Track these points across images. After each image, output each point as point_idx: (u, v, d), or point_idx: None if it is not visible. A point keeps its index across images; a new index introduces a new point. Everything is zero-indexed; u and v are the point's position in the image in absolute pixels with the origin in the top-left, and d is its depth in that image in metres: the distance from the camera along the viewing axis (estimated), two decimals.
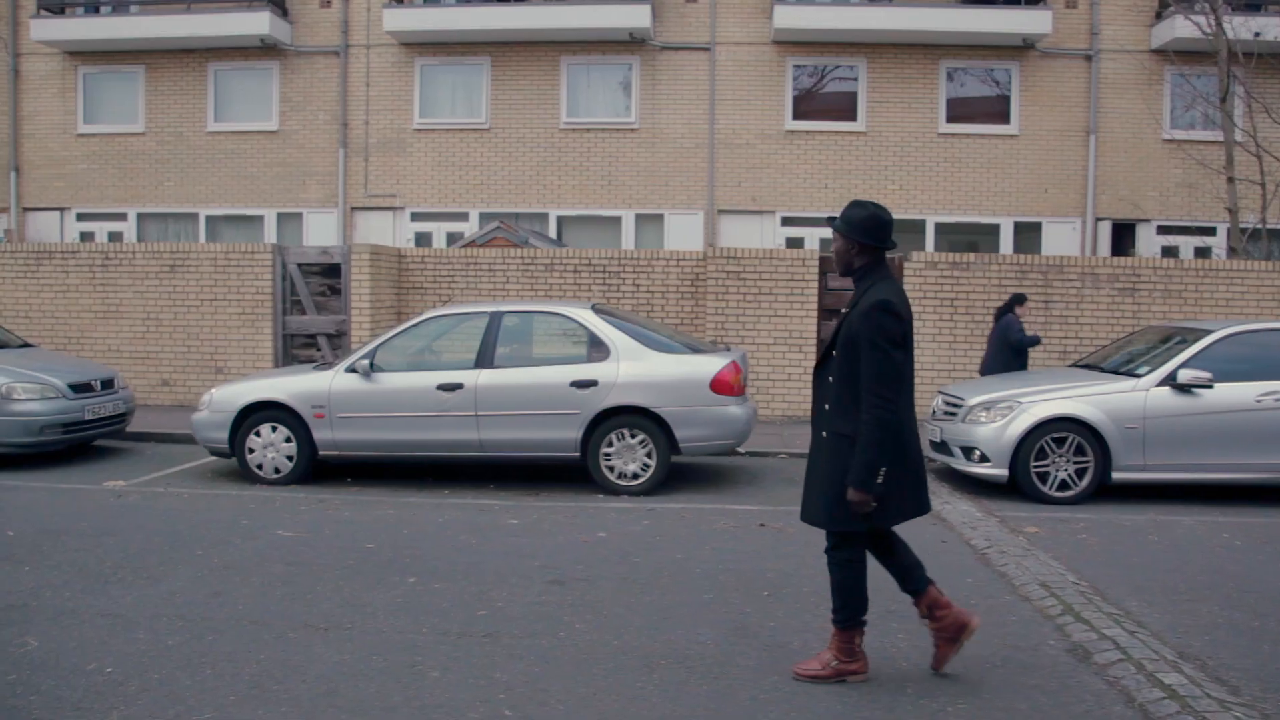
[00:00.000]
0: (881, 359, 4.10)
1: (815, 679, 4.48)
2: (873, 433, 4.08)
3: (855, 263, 4.33)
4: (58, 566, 6.22)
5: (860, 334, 4.12)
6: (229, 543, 6.90)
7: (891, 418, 4.11)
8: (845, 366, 4.21)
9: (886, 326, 4.12)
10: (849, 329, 4.20)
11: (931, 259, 12.68)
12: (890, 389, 4.11)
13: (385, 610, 5.50)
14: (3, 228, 18.63)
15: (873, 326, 4.10)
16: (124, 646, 4.87)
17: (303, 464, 8.92)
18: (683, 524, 7.78)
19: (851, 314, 4.23)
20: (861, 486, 4.12)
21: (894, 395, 4.13)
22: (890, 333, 4.12)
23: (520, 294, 13.19)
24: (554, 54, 17.72)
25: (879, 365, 4.10)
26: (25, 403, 9.50)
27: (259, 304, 12.82)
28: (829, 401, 4.29)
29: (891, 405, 4.11)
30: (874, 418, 4.09)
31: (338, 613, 5.44)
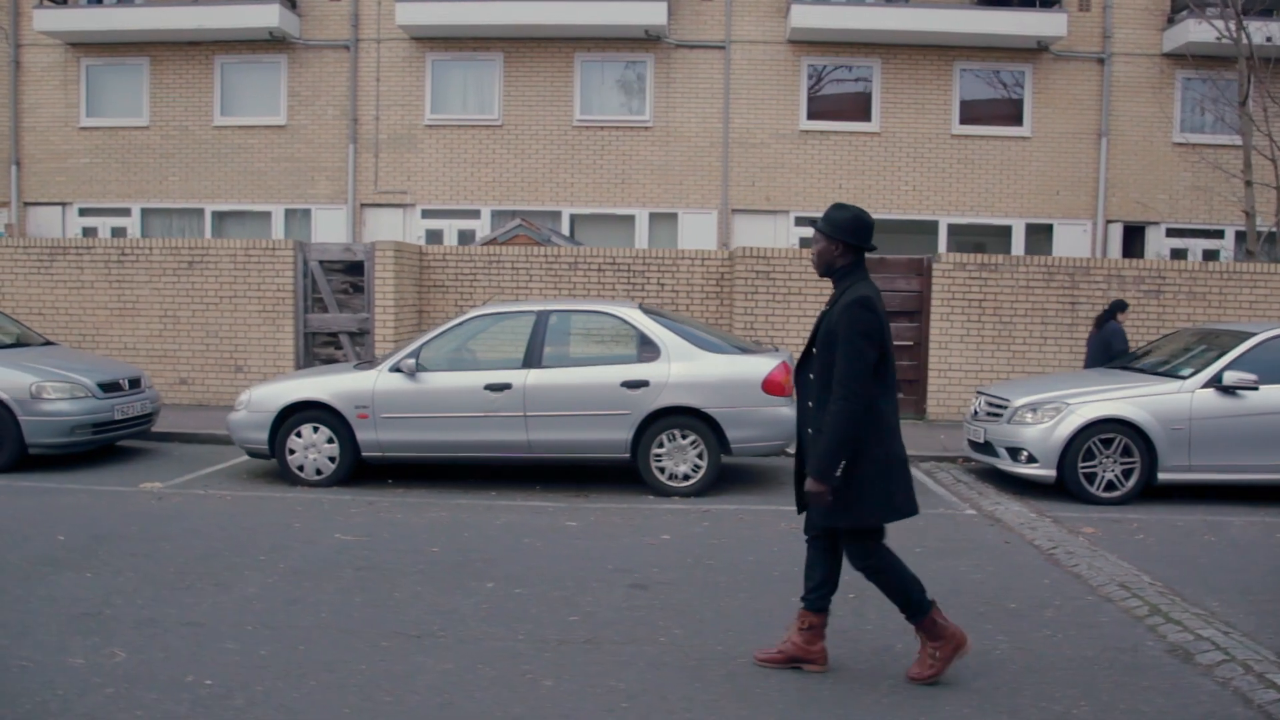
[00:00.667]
0: (854, 354, 4.17)
1: (934, 677, 4.51)
2: (839, 425, 4.16)
3: (837, 263, 4.40)
4: (121, 572, 6.05)
5: (838, 329, 4.20)
6: (288, 547, 6.75)
7: (859, 412, 4.17)
8: (825, 364, 4.29)
9: (862, 322, 4.19)
10: (829, 326, 4.28)
11: (960, 260, 12.65)
12: (861, 384, 4.17)
13: (474, 617, 5.38)
14: (3, 223, 18.25)
15: (849, 322, 4.18)
16: (216, 657, 4.72)
17: (345, 465, 8.75)
18: (742, 526, 7.71)
19: (831, 311, 4.30)
20: (820, 477, 4.19)
21: (864, 390, 4.18)
22: (865, 328, 4.19)
23: (544, 293, 13.06)
24: (568, 50, 17.57)
25: (851, 360, 4.17)
26: (55, 402, 9.27)
27: (280, 301, 12.61)
28: (812, 399, 4.37)
29: (860, 400, 4.17)
30: (842, 410, 4.16)
31: (426, 620, 5.31)
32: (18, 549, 6.53)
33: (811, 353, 4.42)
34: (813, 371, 4.38)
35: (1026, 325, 12.59)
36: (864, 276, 4.37)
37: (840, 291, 4.34)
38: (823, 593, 4.60)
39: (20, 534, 6.94)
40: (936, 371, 12.63)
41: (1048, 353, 12.60)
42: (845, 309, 4.20)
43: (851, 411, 4.15)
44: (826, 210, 4.45)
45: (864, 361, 4.18)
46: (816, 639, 4.65)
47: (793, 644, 4.67)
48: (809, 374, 4.42)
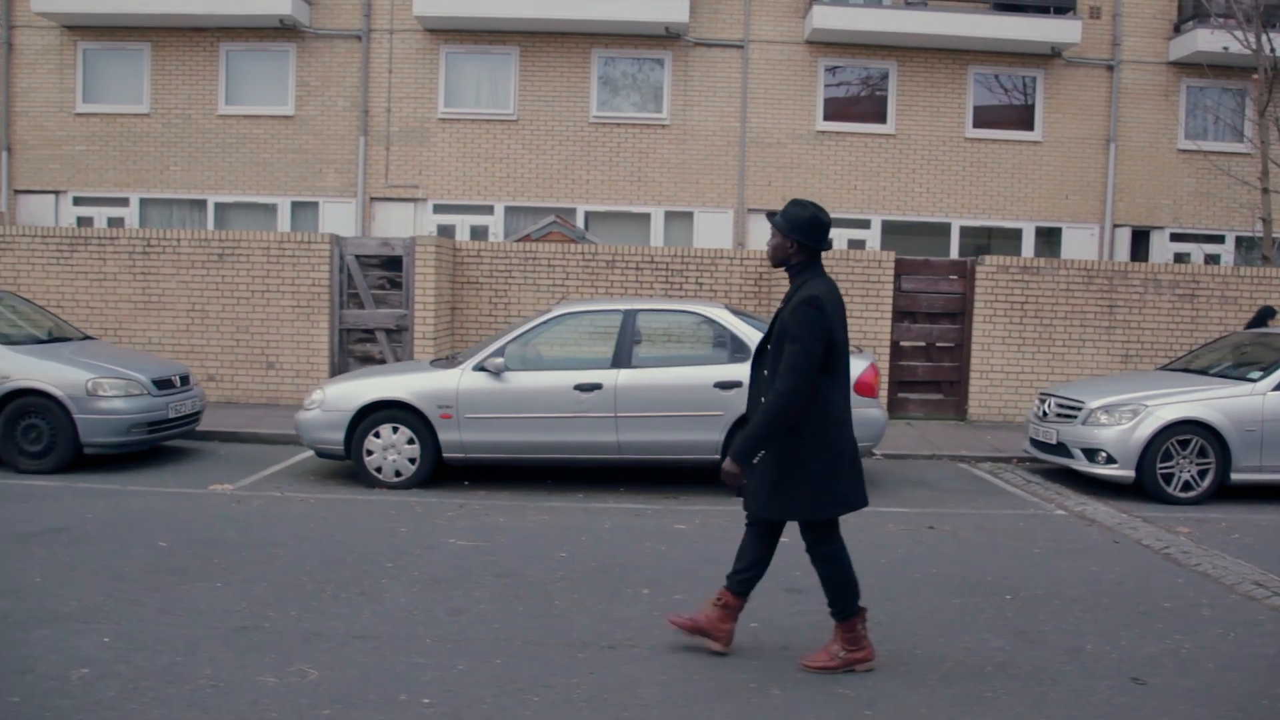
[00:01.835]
0: (799, 350, 4.24)
1: (825, 670, 4.56)
2: (769, 414, 4.25)
3: (792, 259, 4.47)
4: (251, 582, 5.76)
5: (788, 326, 4.29)
6: (409, 553, 6.50)
7: (793, 406, 4.26)
8: (777, 360, 4.35)
9: (809, 320, 4.26)
10: (781, 322, 4.36)
11: (1003, 263, 12.72)
12: (800, 378, 4.24)
13: (653, 625, 5.20)
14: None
15: (798, 320, 4.26)
16: (412, 673, 4.50)
17: (426, 467, 8.49)
18: (853, 527, 7.45)
19: (784, 308, 4.39)
20: (739, 459, 4.31)
21: (802, 384, 4.25)
22: (811, 326, 4.25)
23: (581, 290, 12.86)
24: (584, 45, 17.35)
25: (794, 356, 4.25)
26: (112, 400, 8.86)
27: (315, 296, 12.24)
28: (766, 395, 4.38)
29: (797, 396, 4.25)
30: (777, 402, 4.24)
31: (607, 629, 5.14)
32: (125, 557, 6.21)
33: (766, 349, 4.48)
34: (767, 368, 4.44)
35: (1066, 328, 12.70)
36: (818, 273, 4.44)
37: (795, 289, 4.41)
38: (747, 577, 4.69)
39: (117, 541, 6.61)
40: (979, 373, 12.67)
41: (1086, 355, 12.72)
42: (795, 307, 4.29)
43: (785, 404, 4.24)
44: (786, 205, 4.49)
45: (808, 358, 4.24)
46: (728, 619, 4.73)
47: (705, 616, 4.75)
48: (763, 370, 4.48)
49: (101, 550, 6.34)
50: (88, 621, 5.01)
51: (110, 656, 4.55)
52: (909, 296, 12.67)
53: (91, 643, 4.72)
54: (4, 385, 8.74)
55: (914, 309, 12.72)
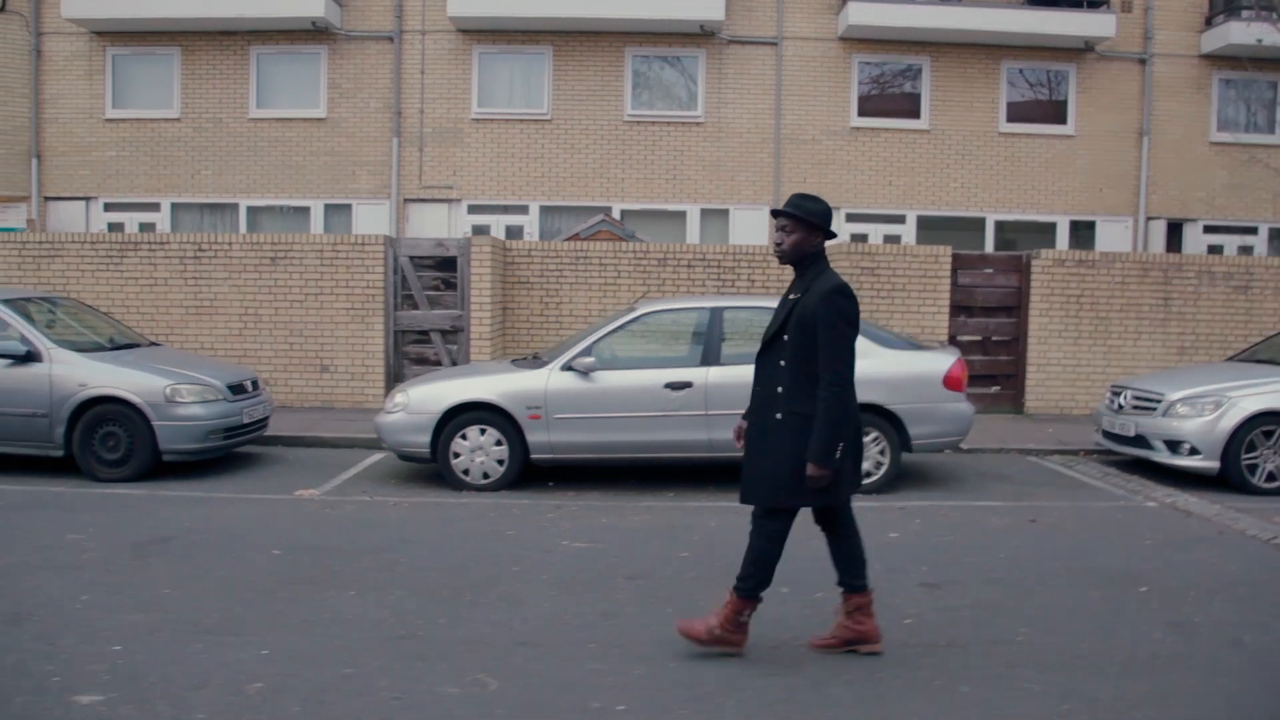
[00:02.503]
0: (839, 340, 4.28)
1: (695, 639, 4.60)
2: (833, 410, 4.27)
3: (810, 251, 4.48)
4: (383, 589, 5.66)
5: (818, 316, 4.26)
6: (527, 556, 6.42)
7: (848, 395, 4.31)
8: (799, 349, 4.34)
9: (845, 309, 4.30)
10: (802, 312, 4.34)
11: (1059, 257, 12.70)
12: (848, 369, 4.30)
13: (812, 624, 5.12)
14: (24, 217, 17.32)
15: (832, 309, 4.27)
16: (596, 679, 4.41)
17: (514, 468, 8.40)
18: (956, 522, 7.62)
19: (805, 298, 4.36)
20: (823, 462, 4.30)
21: (851, 375, 4.32)
22: (848, 315, 4.31)
23: (633, 289, 12.78)
24: (618, 44, 17.26)
25: (837, 346, 4.28)
26: (190, 406, 8.74)
27: (370, 298, 12.13)
28: (782, 385, 4.40)
29: (849, 385, 4.31)
30: (834, 395, 4.27)
31: (766, 630, 5.01)
32: (245, 566, 6.10)
33: (781, 339, 4.43)
34: (783, 358, 4.41)
35: (1122, 320, 12.68)
36: (828, 264, 4.51)
37: (811, 279, 4.42)
38: (855, 572, 4.72)
39: (229, 549, 6.50)
40: (1035, 366, 12.64)
41: (1141, 347, 12.70)
42: (826, 297, 4.28)
43: (842, 396, 4.28)
44: (796, 200, 4.49)
45: (848, 347, 4.29)
46: (866, 616, 4.72)
47: (844, 628, 4.74)
48: (778, 360, 4.44)
49: (218, 559, 6.23)
50: (237, 634, 4.91)
51: (277, 670, 4.45)
52: (965, 291, 12.63)
53: (251, 655, 4.62)
54: (81, 393, 8.60)
55: (970, 303, 12.68)
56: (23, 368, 8.65)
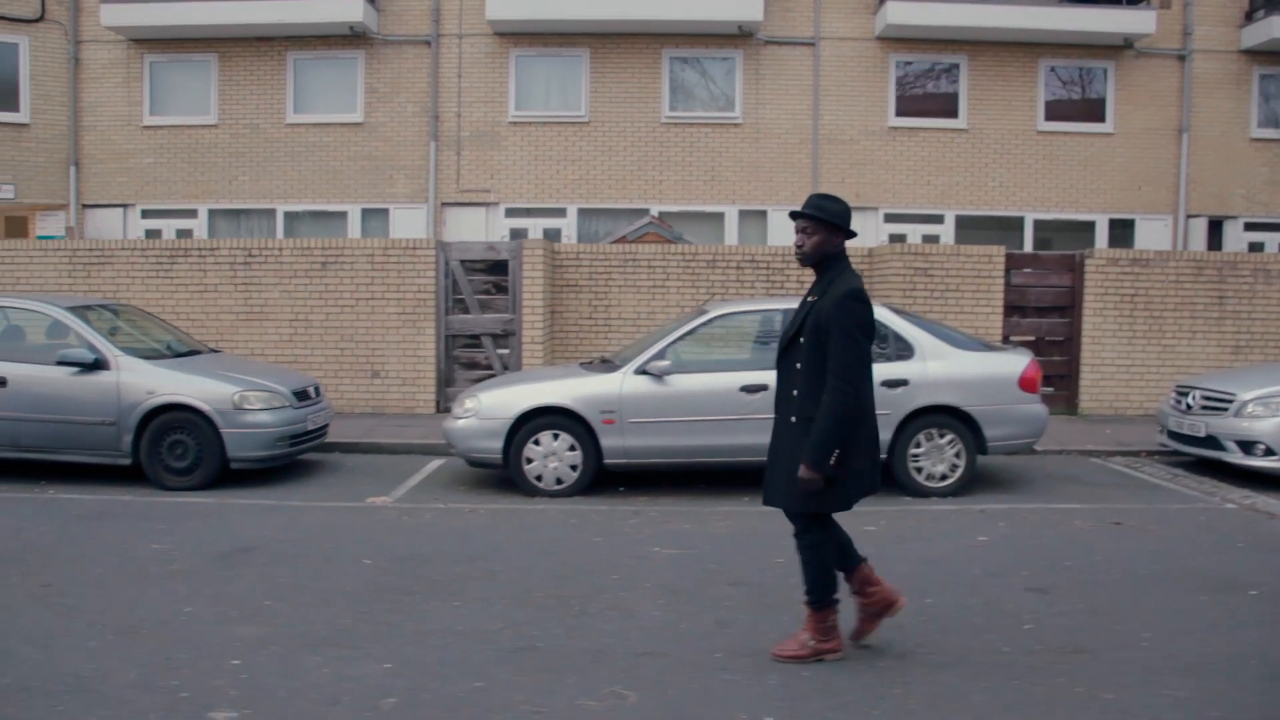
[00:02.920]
0: (851, 345, 4.23)
1: (795, 659, 4.54)
2: (834, 416, 4.21)
3: (831, 252, 4.42)
4: (489, 599, 5.58)
5: (832, 320, 4.22)
6: (623, 563, 6.36)
7: (854, 403, 4.24)
8: (814, 353, 4.30)
9: (857, 314, 4.25)
10: (818, 316, 4.29)
11: (1112, 256, 12.60)
12: (857, 375, 4.24)
13: (935, 630, 5.05)
14: (63, 225, 17.32)
15: (845, 314, 4.22)
16: (734, 691, 4.32)
17: (588, 474, 8.33)
18: (1040, 525, 7.56)
19: (821, 301, 4.31)
20: (815, 465, 4.24)
21: (859, 381, 4.26)
22: (861, 320, 4.26)
23: (682, 291, 12.72)
24: (655, 46, 17.20)
25: (847, 352, 4.22)
26: (257, 413, 8.69)
27: (421, 303, 12.07)
28: (798, 388, 4.37)
29: (855, 391, 4.23)
30: (837, 401, 4.21)
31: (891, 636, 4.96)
32: (339, 576, 6.04)
33: (798, 341, 4.40)
34: (799, 361, 4.37)
35: (1176, 320, 12.57)
36: (848, 265, 4.44)
37: (828, 281, 4.36)
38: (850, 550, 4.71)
39: (317, 559, 6.45)
40: (1090, 367, 12.53)
41: (1196, 347, 12.58)
42: (839, 301, 4.22)
43: (846, 402, 4.20)
44: (815, 201, 4.44)
45: (859, 352, 4.26)
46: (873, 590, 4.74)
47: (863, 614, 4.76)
48: (795, 363, 4.40)
49: (308, 569, 6.17)
50: (353, 647, 4.84)
51: (406, 684, 4.38)
52: (1018, 291, 12.54)
53: (373, 670, 4.55)
54: (149, 401, 8.56)
55: (1023, 304, 12.59)
56: (90, 375, 8.62)
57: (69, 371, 8.63)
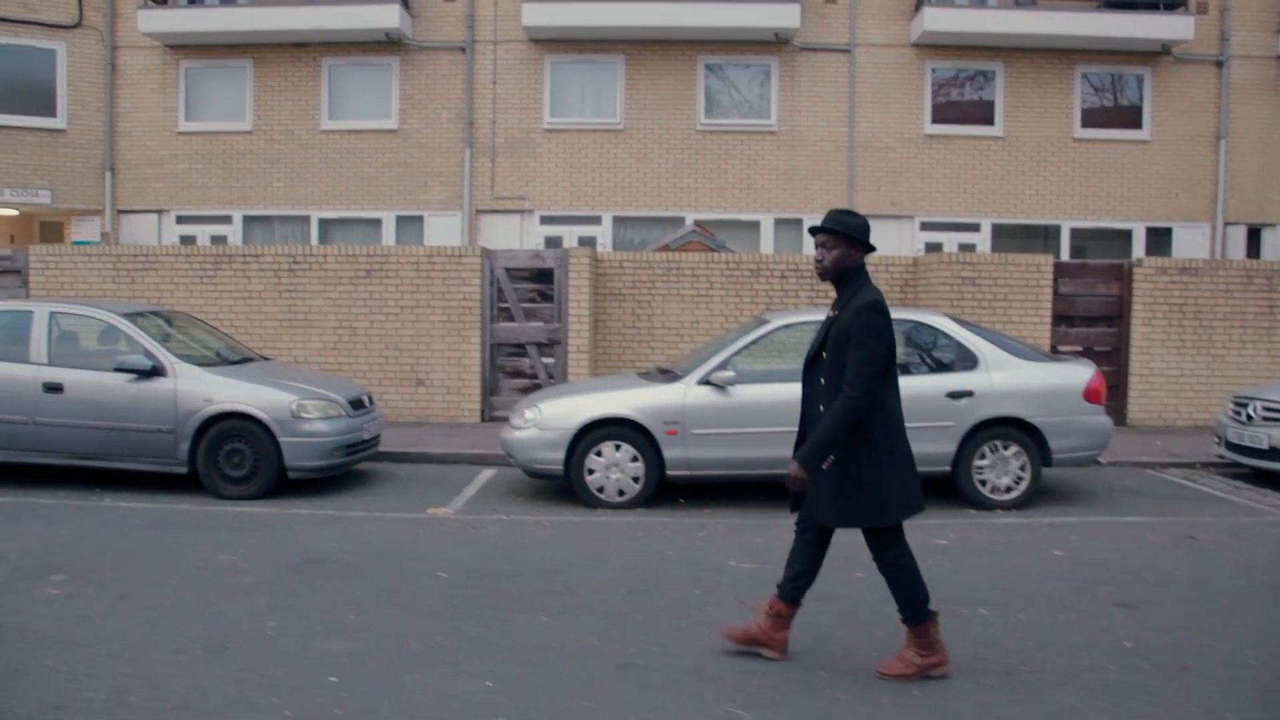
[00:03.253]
0: (866, 357, 4.24)
1: (902, 678, 4.50)
2: (838, 419, 4.24)
3: (851, 267, 4.43)
4: (576, 614, 5.50)
5: (851, 332, 4.26)
6: (702, 578, 6.29)
7: (859, 411, 4.25)
8: (837, 367, 4.31)
9: (876, 326, 4.27)
10: (839, 330, 4.32)
11: (1161, 265, 12.49)
12: (867, 384, 4.23)
13: (1035, 648, 4.97)
14: (98, 231, 17.33)
15: (863, 325, 4.25)
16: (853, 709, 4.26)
17: (650, 485, 8.25)
18: (1113, 539, 7.49)
19: (842, 315, 4.35)
20: (805, 465, 4.30)
21: (869, 390, 4.25)
22: (879, 331, 4.27)
23: (726, 300, 12.64)
24: (691, 53, 17.15)
25: (861, 362, 4.23)
26: (315, 422, 8.62)
27: (466, 311, 12.02)
28: (823, 403, 4.39)
29: (863, 402, 4.24)
30: (845, 409, 4.23)
31: (987, 654, 4.88)
32: (417, 591, 5.96)
33: (821, 356, 4.43)
34: (823, 376, 4.41)
35: (1226, 329, 12.45)
36: (868, 279, 4.46)
37: (849, 295, 4.39)
38: (798, 585, 4.68)
39: (390, 572, 6.36)
40: (1139, 377, 12.42)
41: (1246, 357, 12.46)
42: (859, 313, 4.26)
43: (853, 409, 4.22)
44: (835, 216, 4.45)
45: (875, 363, 4.24)
46: (781, 627, 4.74)
47: (758, 627, 4.75)
48: (819, 378, 4.44)
49: (385, 583, 6.10)
50: (449, 663, 4.77)
51: (512, 703, 4.30)
52: (1067, 300, 12.44)
53: (475, 687, 4.48)
54: (207, 409, 8.50)
55: (1071, 313, 12.49)
56: (147, 383, 8.57)
57: (125, 378, 8.59)
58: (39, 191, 17.16)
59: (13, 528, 7.37)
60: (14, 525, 7.45)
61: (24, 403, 8.66)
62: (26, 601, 5.60)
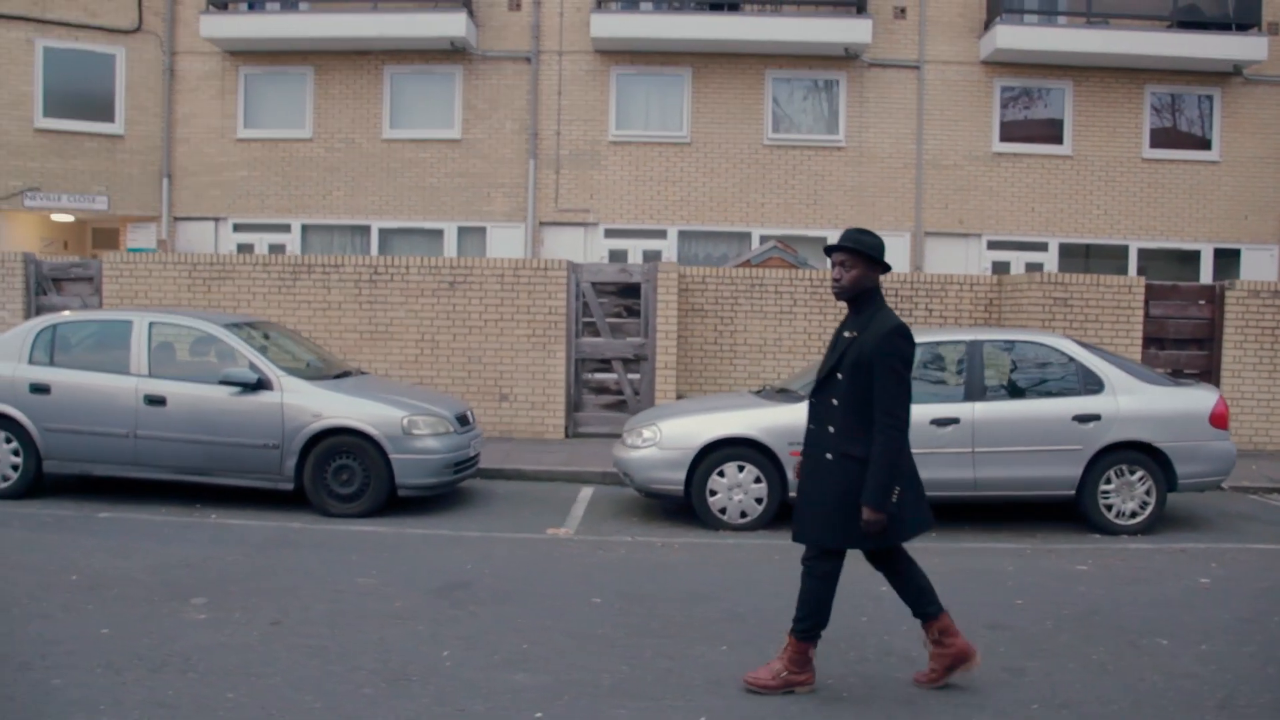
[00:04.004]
0: (897, 382, 4.20)
1: (765, 689, 4.51)
2: (888, 454, 4.19)
3: (868, 286, 4.39)
4: (754, 643, 5.28)
5: (875, 357, 4.19)
6: (857, 603, 5.99)
7: (904, 440, 4.24)
8: (853, 389, 4.27)
9: (903, 351, 4.24)
10: (858, 352, 4.25)
11: (1253, 288, 12.29)
12: (905, 411, 4.22)
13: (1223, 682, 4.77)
14: (155, 238, 17.18)
15: (890, 350, 4.20)
16: None
17: (773, 507, 8.05)
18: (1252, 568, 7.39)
19: (862, 337, 4.27)
20: (879, 506, 4.20)
21: (907, 417, 4.24)
22: (906, 356, 4.24)
23: (809, 318, 12.44)
24: (758, 67, 16.99)
25: (895, 388, 4.20)
26: (426, 439, 8.42)
27: (552, 325, 11.82)
28: (834, 424, 4.34)
29: (905, 428, 4.23)
30: (889, 439, 4.19)
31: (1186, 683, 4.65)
32: (575, 616, 5.78)
33: (834, 377, 4.35)
34: (835, 398, 4.34)
35: None
36: (883, 300, 4.43)
37: (867, 317, 4.33)
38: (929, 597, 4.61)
39: (540, 596, 6.17)
40: (1230, 400, 12.15)
41: None
42: (885, 338, 4.20)
43: (899, 439, 4.21)
44: (853, 235, 4.40)
45: (905, 389, 4.22)
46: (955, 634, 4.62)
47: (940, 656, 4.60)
48: (830, 399, 4.37)
49: (539, 609, 5.90)
50: (650, 697, 4.61)
51: None
52: (1157, 322, 12.24)
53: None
54: (315, 424, 8.30)
55: (1162, 335, 12.28)
56: (252, 396, 8.37)
57: (230, 391, 8.39)
58: (96, 198, 17.02)
59: (128, 546, 7.17)
60: (129, 543, 7.25)
61: (125, 415, 8.47)
62: (178, 628, 5.40)
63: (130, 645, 5.08)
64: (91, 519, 8.03)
